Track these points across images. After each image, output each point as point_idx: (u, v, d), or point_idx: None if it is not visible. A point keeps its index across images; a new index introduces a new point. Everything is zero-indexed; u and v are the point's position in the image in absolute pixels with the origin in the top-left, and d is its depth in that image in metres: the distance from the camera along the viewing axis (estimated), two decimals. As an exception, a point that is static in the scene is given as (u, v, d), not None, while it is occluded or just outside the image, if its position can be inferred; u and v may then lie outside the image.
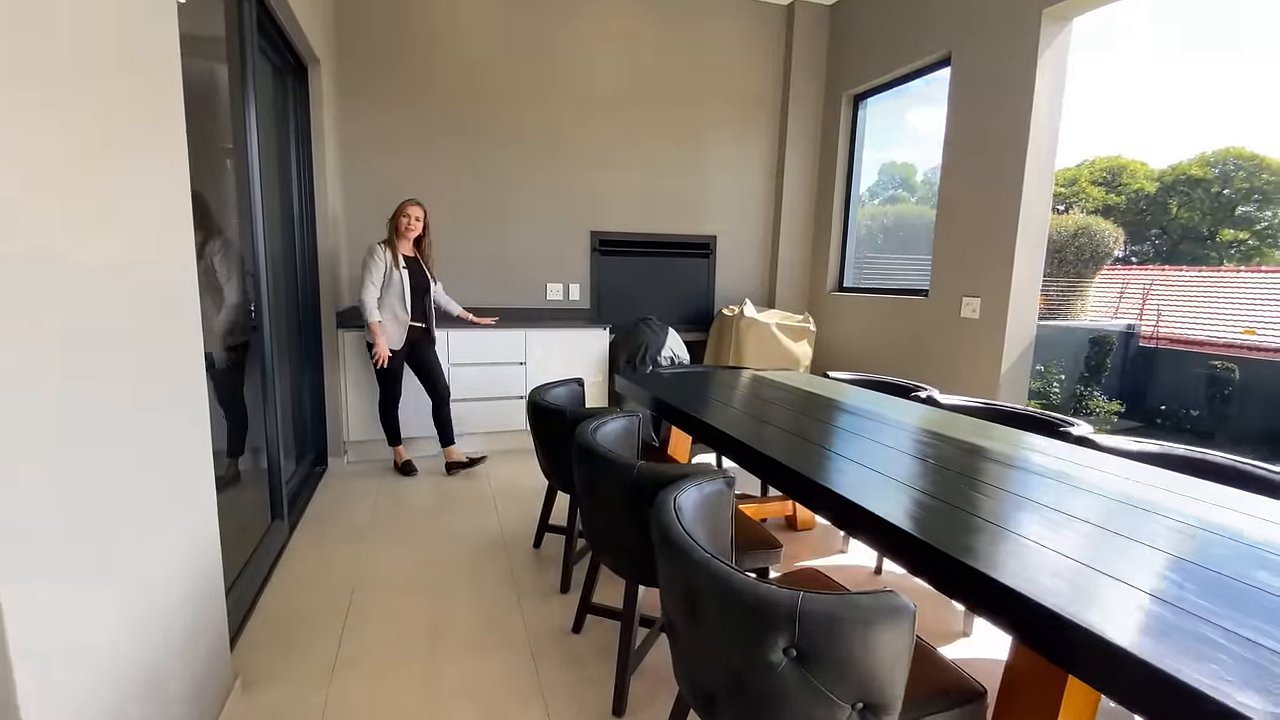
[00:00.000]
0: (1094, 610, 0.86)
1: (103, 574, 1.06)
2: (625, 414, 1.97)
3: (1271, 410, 10.62)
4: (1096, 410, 11.87)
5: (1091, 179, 28.85)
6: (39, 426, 0.89)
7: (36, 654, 0.86)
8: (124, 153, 1.16)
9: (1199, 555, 1.06)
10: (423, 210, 3.31)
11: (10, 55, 0.84)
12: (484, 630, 2.00)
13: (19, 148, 0.86)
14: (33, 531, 0.87)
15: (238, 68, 2.25)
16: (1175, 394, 11.97)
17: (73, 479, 0.97)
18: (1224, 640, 0.80)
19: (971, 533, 1.13)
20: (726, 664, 0.98)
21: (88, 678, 1.00)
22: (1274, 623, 0.85)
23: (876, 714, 0.89)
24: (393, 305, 3.24)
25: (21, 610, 0.84)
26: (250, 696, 1.67)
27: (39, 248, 0.90)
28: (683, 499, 1.24)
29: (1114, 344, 11.95)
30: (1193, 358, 12.33)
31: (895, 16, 4.02)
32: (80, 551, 0.99)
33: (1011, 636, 0.97)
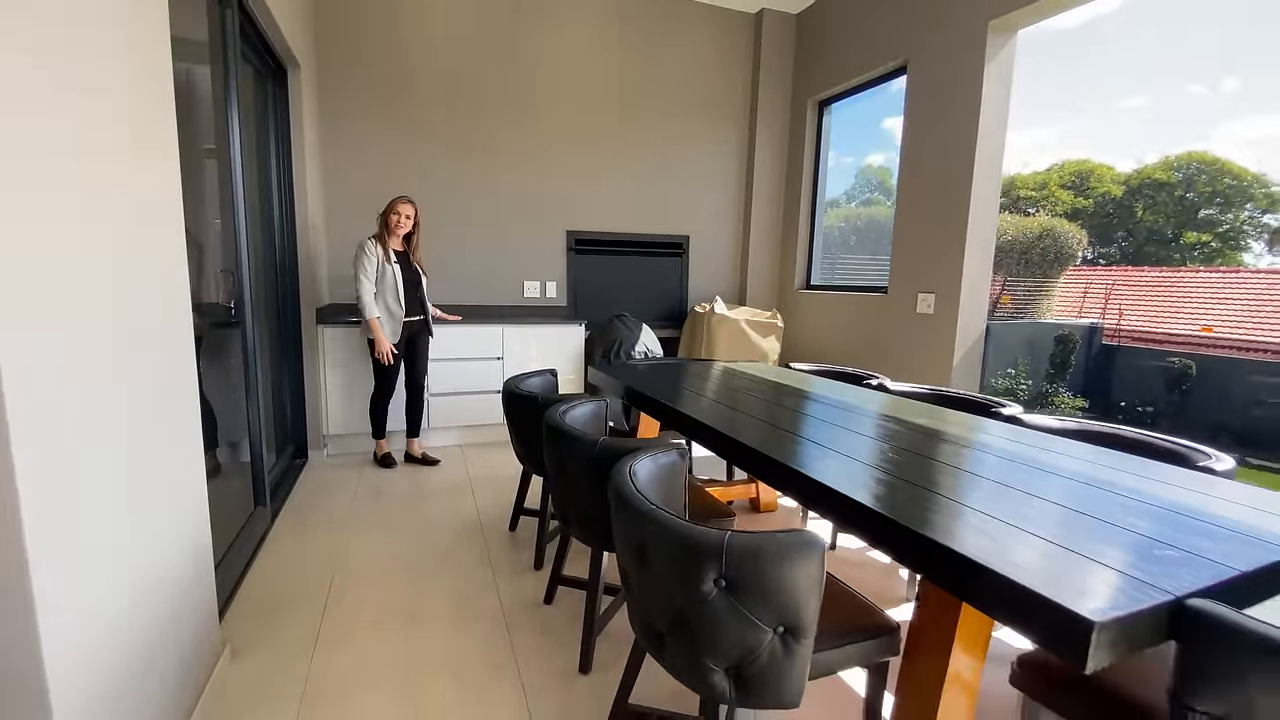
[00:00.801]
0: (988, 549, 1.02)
1: (114, 546, 1.17)
2: (593, 399, 2.11)
3: (1226, 403, 11.05)
4: (1062, 405, 12.25)
5: (1061, 183, 29.60)
6: (71, 417, 1.00)
7: (56, 608, 0.97)
8: (128, 162, 1.27)
9: (1079, 503, 1.23)
10: (414, 208, 3.39)
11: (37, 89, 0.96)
12: (461, 605, 2.11)
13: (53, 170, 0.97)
14: (60, 506, 0.98)
15: (220, 72, 2.35)
16: (1136, 389, 12.39)
17: (93, 459, 1.08)
18: (1079, 563, 0.96)
19: (899, 493, 1.29)
20: (669, 601, 1.12)
21: (99, 634, 1.10)
22: (1123, 550, 1.01)
23: (795, 636, 1.04)
24: (386, 300, 3.32)
25: (46, 569, 0.95)
26: (238, 664, 1.77)
27: (65, 254, 1.01)
28: (638, 466, 1.38)
29: (1078, 342, 12.35)
30: (1153, 354, 12.77)
31: (856, 26, 4.22)
32: (96, 522, 1.10)
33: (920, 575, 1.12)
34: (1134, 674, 1.15)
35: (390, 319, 3.33)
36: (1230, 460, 1.59)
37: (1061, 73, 43.09)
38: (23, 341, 0.92)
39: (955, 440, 1.73)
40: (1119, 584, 0.89)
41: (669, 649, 1.17)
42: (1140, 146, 43.35)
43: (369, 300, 3.25)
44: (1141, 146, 43.58)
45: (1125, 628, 0.82)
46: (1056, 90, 43.40)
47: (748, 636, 1.04)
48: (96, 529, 1.12)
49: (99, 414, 1.14)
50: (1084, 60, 41.96)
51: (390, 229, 3.35)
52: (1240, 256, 26.67)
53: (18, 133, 0.92)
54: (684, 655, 1.13)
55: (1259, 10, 36.91)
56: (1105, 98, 42.33)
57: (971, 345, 3.48)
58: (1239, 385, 10.81)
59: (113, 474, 1.19)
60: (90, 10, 1.15)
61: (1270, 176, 26.67)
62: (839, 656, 1.20)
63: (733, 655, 1.07)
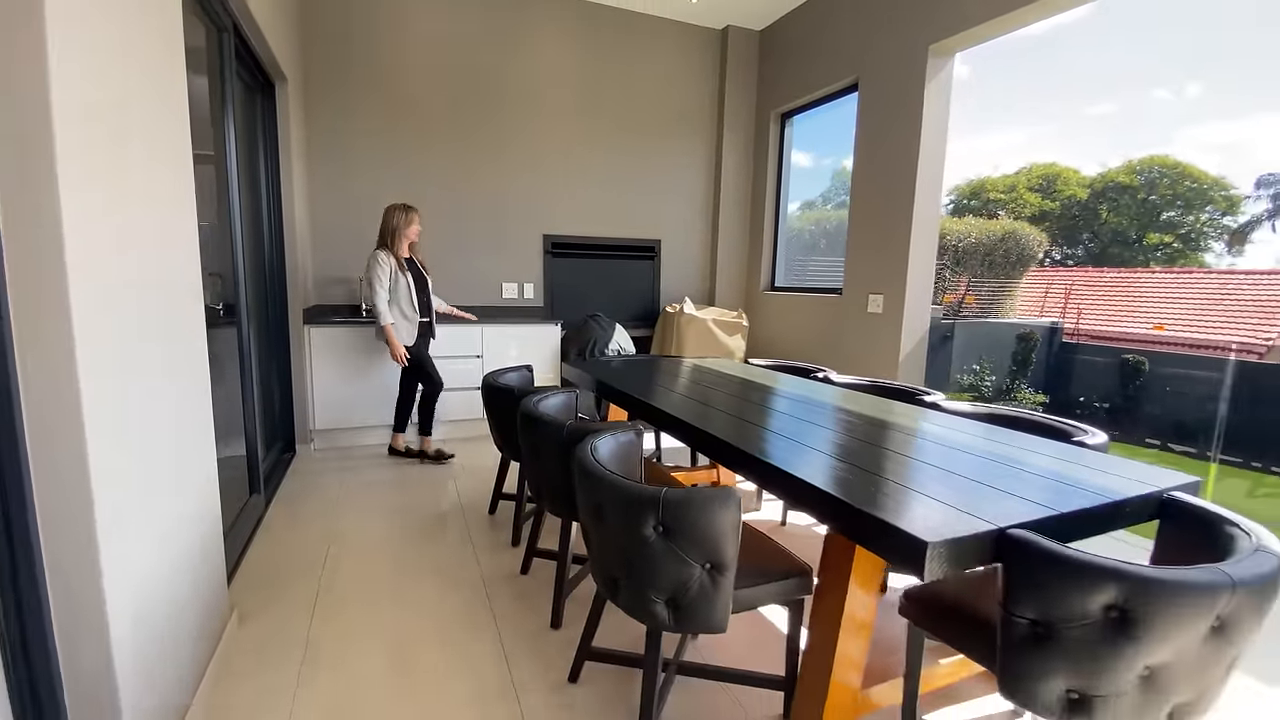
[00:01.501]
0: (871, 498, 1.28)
1: (146, 511, 1.38)
2: (565, 390, 2.34)
3: (1176, 397, 11.63)
4: (1024, 401, 12.76)
5: (1029, 186, 30.42)
6: (122, 385, 1.21)
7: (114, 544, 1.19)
8: (161, 180, 1.48)
9: (952, 465, 1.50)
10: (417, 214, 3.60)
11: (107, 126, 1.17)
12: (445, 577, 2.34)
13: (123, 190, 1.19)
14: (114, 477, 1.19)
15: (217, 89, 2.54)
16: (1093, 385, 12.99)
17: (141, 432, 1.29)
18: (932, 505, 1.23)
19: (814, 461, 1.55)
20: (619, 548, 1.36)
21: (142, 574, 1.31)
22: (971, 496, 1.28)
23: (719, 570, 1.29)
24: (401, 306, 3.51)
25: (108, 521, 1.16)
26: (245, 627, 1.97)
27: (126, 254, 1.22)
28: (599, 443, 1.62)
29: (1038, 340, 12.88)
30: (1109, 352, 13.38)
31: (813, 44, 4.51)
32: (138, 488, 1.31)
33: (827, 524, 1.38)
34: (983, 600, 1.42)
35: (406, 323, 3.54)
36: (1103, 435, 1.88)
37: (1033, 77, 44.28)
38: (96, 324, 1.13)
39: (874, 421, 2.00)
40: (956, 519, 1.16)
41: (622, 591, 1.41)
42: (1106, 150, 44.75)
43: (384, 308, 3.43)
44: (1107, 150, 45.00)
45: (954, 548, 1.08)
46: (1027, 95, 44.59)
47: (681, 572, 1.29)
48: (145, 481, 1.33)
49: (144, 384, 1.35)
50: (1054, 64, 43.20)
51: (404, 236, 3.54)
52: (1201, 257, 27.70)
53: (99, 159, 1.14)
54: (633, 593, 1.37)
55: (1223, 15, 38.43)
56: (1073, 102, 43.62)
57: (917, 342, 3.78)
58: (1187, 381, 11.40)
59: (153, 445, 1.40)
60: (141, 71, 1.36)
61: (1229, 179, 27.71)
62: (760, 593, 1.45)
63: (670, 588, 1.32)
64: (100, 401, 1.16)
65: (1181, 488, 1.40)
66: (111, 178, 1.25)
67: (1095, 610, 1.01)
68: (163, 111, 1.56)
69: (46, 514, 1.10)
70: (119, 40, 1.32)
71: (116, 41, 1.30)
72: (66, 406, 1.10)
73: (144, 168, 1.42)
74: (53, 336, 1.08)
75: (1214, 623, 1.00)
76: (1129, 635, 0.99)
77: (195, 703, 1.56)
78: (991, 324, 12.98)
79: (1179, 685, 1.04)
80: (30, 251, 1.05)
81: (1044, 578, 1.07)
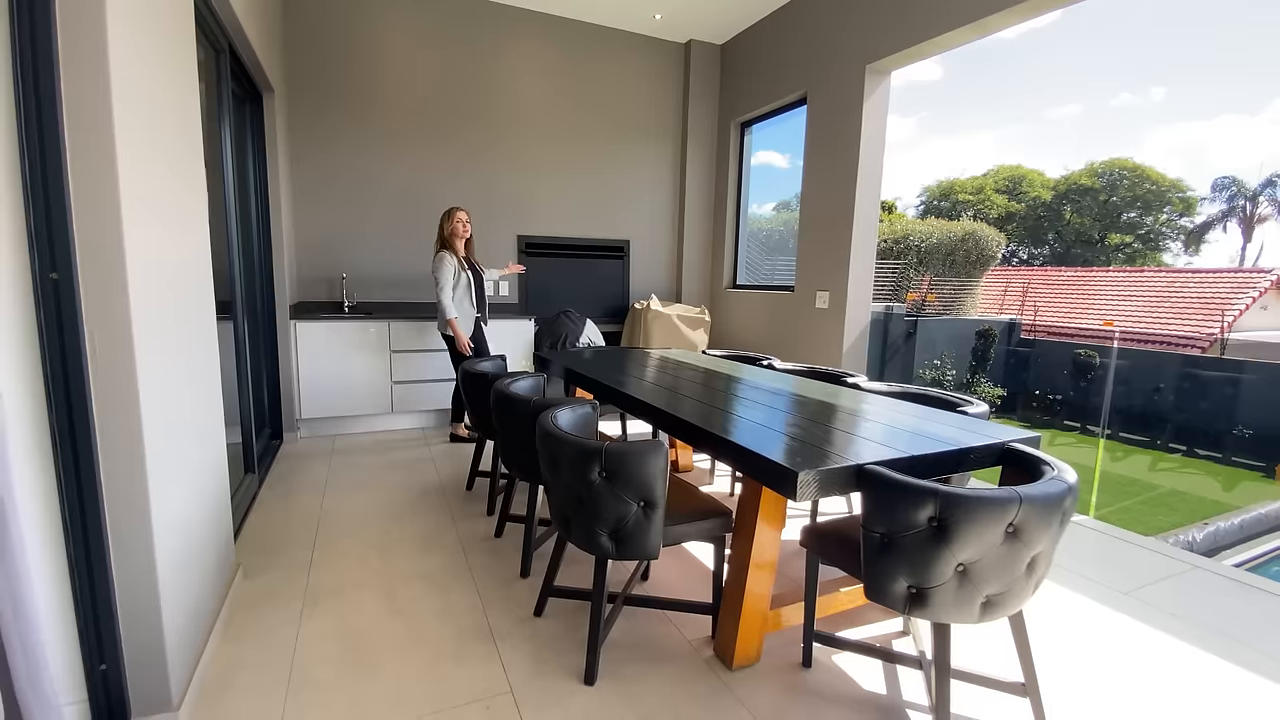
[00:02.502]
0: (774, 449, 1.61)
1: (177, 463, 1.65)
2: (533, 374, 2.65)
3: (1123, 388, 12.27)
4: (984, 395, 13.34)
5: (996, 188, 31.28)
6: (164, 359, 1.49)
7: (158, 483, 1.47)
8: (185, 194, 1.75)
9: (849, 427, 1.84)
10: (467, 214, 3.92)
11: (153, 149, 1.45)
12: (426, 540, 2.63)
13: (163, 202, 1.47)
14: (162, 428, 1.47)
15: (215, 107, 2.79)
16: (1048, 378, 13.62)
17: (175, 400, 1.57)
18: (817, 452, 1.56)
19: (741, 425, 1.88)
20: (572, 491, 1.68)
21: (174, 515, 1.59)
22: (849, 445, 1.62)
23: (650, 507, 1.61)
24: (462, 302, 3.86)
25: (154, 466, 1.44)
26: (249, 580, 2.25)
27: (165, 255, 1.50)
28: (559, 414, 1.93)
29: (997, 336, 13.47)
30: (1064, 347, 14.02)
31: (768, 59, 4.86)
32: (172, 444, 1.59)
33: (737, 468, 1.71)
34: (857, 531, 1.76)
35: (466, 317, 3.88)
36: (984, 406, 2.25)
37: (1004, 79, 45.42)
38: (150, 292, 1.41)
39: (796, 397, 2.34)
40: (828, 459, 1.50)
41: (574, 528, 1.73)
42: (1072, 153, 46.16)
43: (449, 303, 3.76)
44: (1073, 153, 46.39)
45: (820, 476, 1.42)
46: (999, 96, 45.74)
47: (620, 509, 1.61)
48: (176, 439, 1.61)
49: (174, 360, 1.63)
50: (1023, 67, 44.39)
51: (457, 235, 3.86)
52: (1160, 257, 28.80)
53: (154, 184, 1.42)
54: (582, 528, 1.69)
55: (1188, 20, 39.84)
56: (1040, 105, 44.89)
57: (858, 334, 4.15)
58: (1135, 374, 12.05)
59: (181, 414, 1.68)
60: (167, 105, 1.64)
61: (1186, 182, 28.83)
62: (688, 530, 1.77)
63: (612, 523, 1.64)
64: (148, 370, 1.45)
65: (1020, 440, 1.76)
66: (148, 194, 1.53)
67: (921, 521, 1.35)
68: (181, 140, 1.83)
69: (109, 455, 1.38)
70: (155, 84, 1.60)
71: (153, 85, 1.58)
72: (124, 371, 1.38)
73: (169, 186, 1.70)
74: (116, 316, 1.36)
75: (1009, 529, 1.35)
76: (945, 539, 1.34)
77: (215, 630, 1.84)
78: (953, 321, 13.55)
79: (987, 579, 1.39)
80: (98, 249, 1.33)
81: (886, 499, 1.41)
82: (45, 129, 1.26)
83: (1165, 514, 7.58)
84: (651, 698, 1.66)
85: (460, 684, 1.71)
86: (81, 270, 1.32)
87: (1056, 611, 2.16)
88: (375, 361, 4.21)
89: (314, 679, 1.72)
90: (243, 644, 1.88)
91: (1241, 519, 6.92)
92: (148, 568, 1.46)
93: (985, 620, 1.43)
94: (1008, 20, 3.18)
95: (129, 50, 1.43)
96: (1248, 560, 6.32)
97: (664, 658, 1.84)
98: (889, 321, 12.78)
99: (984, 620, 1.42)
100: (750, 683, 1.74)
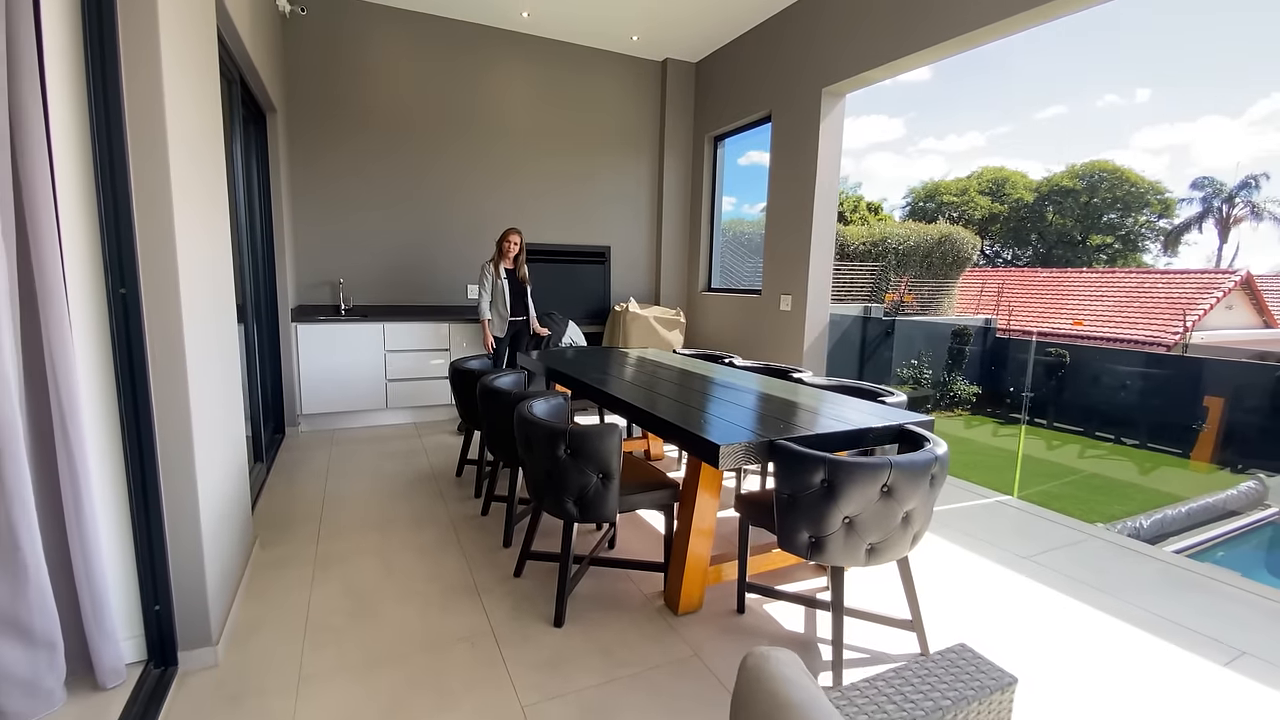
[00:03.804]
0: (700, 426, 1.96)
1: (212, 438, 1.98)
2: (515, 371, 2.99)
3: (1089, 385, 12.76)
4: (959, 392, 13.80)
5: (980, 189, 31.81)
6: (204, 350, 1.82)
7: (201, 459, 1.80)
8: (214, 211, 2.08)
9: (779, 413, 2.19)
10: (520, 235, 4.42)
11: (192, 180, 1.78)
12: (419, 518, 2.96)
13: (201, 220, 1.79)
14: (203, 415, 1.80)
15: (226, 130, 3.10)
16: (1021, 376, 14.09)
17: (211, 388, 1.90)
18: (740, 431, 1.91)
19: (688, 411, 2.23)
20: (543, 467, 2.02)
21: (214, 482, 1.92)
22: (770, 426, 1.97)
23: (607, 479, 1.96)
24: (498, 306, 4.37)
25: (198, 436, 1.77)
26: (265, 551, 2.57)
27: (204, 258, 1.83)
28: (534, 403, 2.27)
29: (971, 335, 13.93)
30: (1037, 347, 14.49)
31: (738, 79, 5.22)
32: (210, 422, 1.91)
33: (678, 445, 2.05)
34: (798, 502, 2.12)
35: (500, 319, 4.41)
36: (902, 396, 2.61)
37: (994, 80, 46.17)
38: (194, 302, 1.74)
39: (741, 389, 2.70)
40: (747, 435, 1.85)
41: (545, 496, 2.07)
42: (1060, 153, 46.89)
43: (484, 306, 4.37)
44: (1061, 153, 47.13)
45: (737, 448, 1.77)
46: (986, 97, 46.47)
47: (582, 480, 1.96)
48: (212, 418, 1.94)
49: (213, 358, 1.96)
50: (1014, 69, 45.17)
51: (503, 253, 4.39)
52: (1140, 257, 29.43)
53: (194, 202, 1.75)
54: (552, 497, 2.03)
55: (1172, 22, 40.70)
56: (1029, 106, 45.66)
57: (817, 335, 4.52)
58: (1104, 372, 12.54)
59: (215, 398, 2.01)
60: (199, 136, 1.97)
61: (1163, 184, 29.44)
62: (641, 499, 2.12)
63: (576, 492, 1.98)
64: (193, 366, 1.78)
65: (915, 423, 2.12)
66: (191, 217, 1.86)
67: (815, 483, 1.70)
68: (211, 168, 2.16)
69: (164, 437, 1.71)
70: (193, 121, 1.93)
71: (192, 122, 1.91)
72: (177, 368, 1.71)
73: (204, 209, 2.02)
74: (170, 321, 1.69)
75: (884, 489, 1.71)
76: (833, 497, 1.69)
77: (239, 590, 2.17)
78: (930, 321, 14.00)
79: (869, 529, 1.74)
80: (156, 268, 1.67)
81: (789, 466, 1.76)
82: (116, 173, 1.59)
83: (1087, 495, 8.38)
84: (609, 636, 2.01)
85: (450, 627, 2.05)
86: (144, 285, 1.65)
87: (961, 570, 2.53)
88: (371, 360, 4.53)
89: (327, 624, 2.05)
90: (264, 600, 2.21)
91: (1189, 508, 7.36)
92: (194, 527, 1.80)
93: (871, 564, 1.79)
94: (952, 49, 3.51)
95: (177, 95, 1.76)
96: (1190, 546, 6.76)
97: (622, 607, 2.19)
98: (868, 322, 13.22)
99: (870, 564, 1.79)
100: (692, 625, 2.09)
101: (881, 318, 13.12)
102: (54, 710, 1.58)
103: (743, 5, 4.61)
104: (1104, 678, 1.87)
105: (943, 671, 1.03)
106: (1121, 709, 1.73)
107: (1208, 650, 2.02)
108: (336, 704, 1.69)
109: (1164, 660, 1.97)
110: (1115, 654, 1.99)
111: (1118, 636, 2.09)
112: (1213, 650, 2.02)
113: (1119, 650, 2.01)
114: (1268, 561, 7.79)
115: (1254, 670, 1.92)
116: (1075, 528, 3.00)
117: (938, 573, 2.50)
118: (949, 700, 0.97)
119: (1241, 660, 1.97)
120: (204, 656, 1.83)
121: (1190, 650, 2.02)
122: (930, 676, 1.01)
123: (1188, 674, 1.90)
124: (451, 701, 1.70)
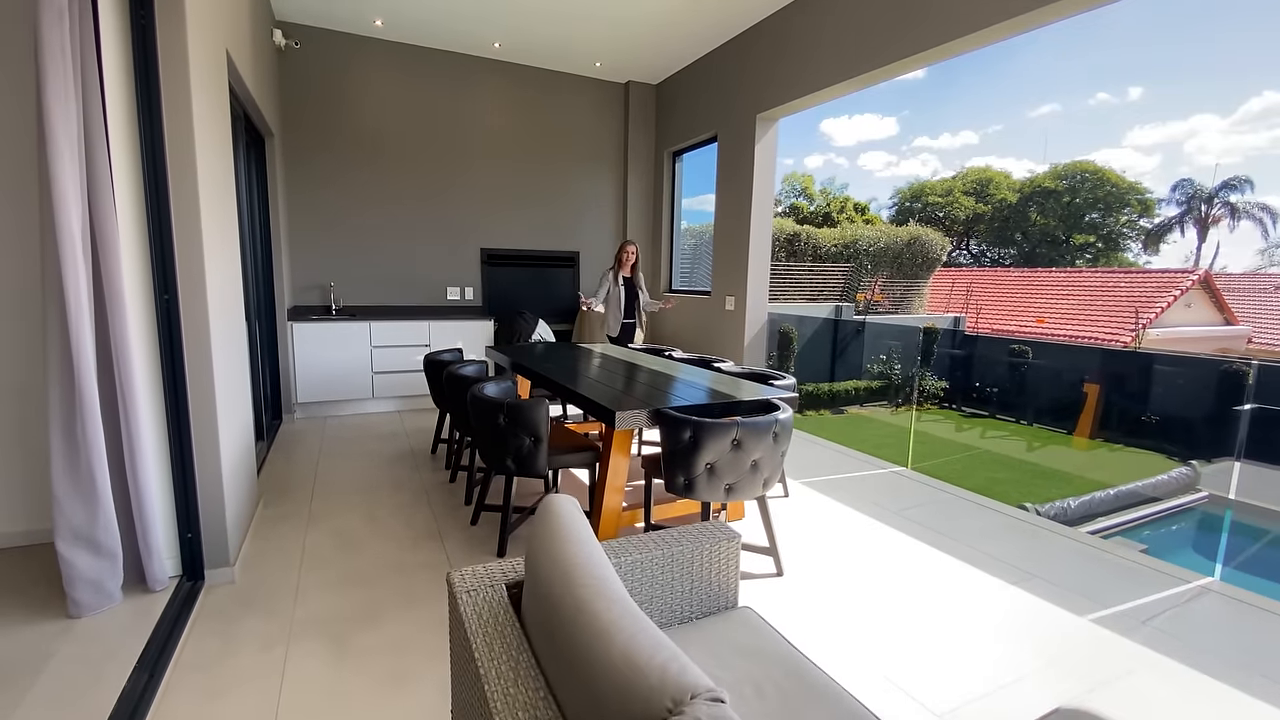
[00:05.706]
0: (612, 400, 2.54)
1: (230, 410, 2.54)
2: (479, 361, 3.56)
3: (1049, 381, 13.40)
4: (929, 388, 14.43)
5: (964, 190, 32.44)
6: (225, 340, 2.37)
7: (223, 424, 2.36)
8: (229, 224, 2.64)
9: (683, 393, 2.77)
10: (635, 247, 5.13)
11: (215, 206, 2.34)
12: (398, 484, 3.52)
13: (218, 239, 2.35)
14: (223, 391, 2.36)
15: (232, 157, 3.66)
16: (986, 372, 14.74)
17: (230, 370, 2.46)
18: (638, 404, 2.49)
19: (600, 390, 2.80)
20: (489, 433, 2.59)
21: (232, 440, 2.47)
22: (661, 399, 2.55)
23: (538, 441, 2.54)
24: (612, 309, 5.11)
25: (221, 406, 2.33)
26: (268, 509, 3.14)
27: (221, 267, 2.39)
28: (486, 386, 2.84)
29: (939, 333, 14.57)
30: (1002, 344, 15.15)
31: (691, 101, 5.80)
32: (227, 396, 2.47)
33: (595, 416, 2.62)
34: (690, 460, 2.69)
35: (615, 320, 5.18)
36: (791, 379, 3.19)
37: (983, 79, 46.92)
38: (217, 305, 2.31)
39: (661, 374, 3.28)
40: (640, 405, 2.43)
41: (490, 456, 2.64)
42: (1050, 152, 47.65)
43: (599, 298, 5.12)
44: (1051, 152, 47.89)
45: (628, 415, 2.35)
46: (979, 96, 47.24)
47: (518, 441, 2.53)
48: (229, 393, 2.50)
49: (230, 346, 2.52)
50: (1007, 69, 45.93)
51: (621, 262, 5.10)
52: (1123, 256, 30.12)
53: (217, 223, 2.31)
54: (494, 455, 2.61)
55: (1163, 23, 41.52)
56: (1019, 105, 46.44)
57: (756, 333, 5.11)
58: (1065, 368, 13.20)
59: (233, 379, 2.57)
60: (219, 165, 2.54)
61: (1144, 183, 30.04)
62: (569, 459, 2.70)
63: (513, 452, 2.55)
64: (217, 353, 2.35)
65: (780, 399, 2.70)
66: (215, 232, 2.43)
67: (685, 439, 2.28)
68: (225, 189, 2.72)
69: (195, 406, 2.28)
70: (214, 153, 2.49)
71: (214, 154, 2.48)
72: (205, 355, 2.28)
73: (222, 224, 2.59)
74: (200, 321, 2.26)
75: (734, 442, 2.28)
76: (697, 448, 2.27)
77: (248, 534, 2.74)
78: (900, 319, 14.64)
79: (725, 473, 2.32)
80: (189, 277, 2.23)
81: (668, 426, 2.34)
82: (161, 208, 2.16)
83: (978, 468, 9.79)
84: (539, 563, 2.58)
85: (418, 559, 2.62)
86: (181, 293, 2.21)
87: (837, 521, 3.11)
88: (359, 355, 5.08)
89: (319, 556, 2.63)
90: (269, 540, 2.77)
91: (1116, 491, 8.00)
92: (216, 476, 2.36)
93: (730, 500, 2.37)
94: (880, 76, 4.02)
95: (203, 140, 2.32)
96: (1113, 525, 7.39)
97: (553, 545, 2.76)
98: (839, 321, 13.85)
99: (729, 500, 2.37)
100: (606, 557, 2.66)
101: (852, 318, 13.76)
102: (114, 605, 2.14)
103: (690, 38, 5.19)
104: (892, 579, 2.46)
105: (696, 532, 1.59)
106: (898, 599, 2.32)
107: (1003, 572, 2.61)
108: (326, 607, 2.26)
109: (959, 575, 2.56)
110: (913, 566, 2.58)
111: (927, 558, 2.68)
112: (1008, 573, 2.61)
113: (920, 565, 2.60)
114: (1195, 542, 8.44)
115: (1037, 589, 2.51)
116: (941, 489, 3.60)
117: (810, 519, 3.08)
118: (688, 539, 1.55)
119: (1030, 580, 2.56)
120: (224, 574, 2.40)
121: (985, 571, 2.61)
122: (684, 536, 1.57)
123: (976, 588, 2.49)
124: (414, 605, 2.27)
